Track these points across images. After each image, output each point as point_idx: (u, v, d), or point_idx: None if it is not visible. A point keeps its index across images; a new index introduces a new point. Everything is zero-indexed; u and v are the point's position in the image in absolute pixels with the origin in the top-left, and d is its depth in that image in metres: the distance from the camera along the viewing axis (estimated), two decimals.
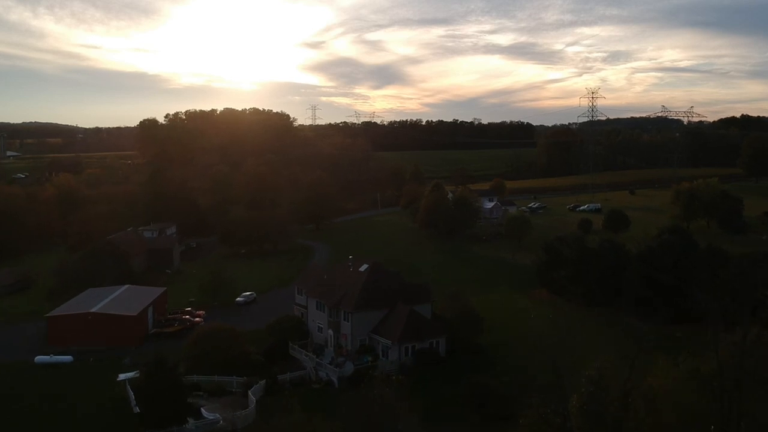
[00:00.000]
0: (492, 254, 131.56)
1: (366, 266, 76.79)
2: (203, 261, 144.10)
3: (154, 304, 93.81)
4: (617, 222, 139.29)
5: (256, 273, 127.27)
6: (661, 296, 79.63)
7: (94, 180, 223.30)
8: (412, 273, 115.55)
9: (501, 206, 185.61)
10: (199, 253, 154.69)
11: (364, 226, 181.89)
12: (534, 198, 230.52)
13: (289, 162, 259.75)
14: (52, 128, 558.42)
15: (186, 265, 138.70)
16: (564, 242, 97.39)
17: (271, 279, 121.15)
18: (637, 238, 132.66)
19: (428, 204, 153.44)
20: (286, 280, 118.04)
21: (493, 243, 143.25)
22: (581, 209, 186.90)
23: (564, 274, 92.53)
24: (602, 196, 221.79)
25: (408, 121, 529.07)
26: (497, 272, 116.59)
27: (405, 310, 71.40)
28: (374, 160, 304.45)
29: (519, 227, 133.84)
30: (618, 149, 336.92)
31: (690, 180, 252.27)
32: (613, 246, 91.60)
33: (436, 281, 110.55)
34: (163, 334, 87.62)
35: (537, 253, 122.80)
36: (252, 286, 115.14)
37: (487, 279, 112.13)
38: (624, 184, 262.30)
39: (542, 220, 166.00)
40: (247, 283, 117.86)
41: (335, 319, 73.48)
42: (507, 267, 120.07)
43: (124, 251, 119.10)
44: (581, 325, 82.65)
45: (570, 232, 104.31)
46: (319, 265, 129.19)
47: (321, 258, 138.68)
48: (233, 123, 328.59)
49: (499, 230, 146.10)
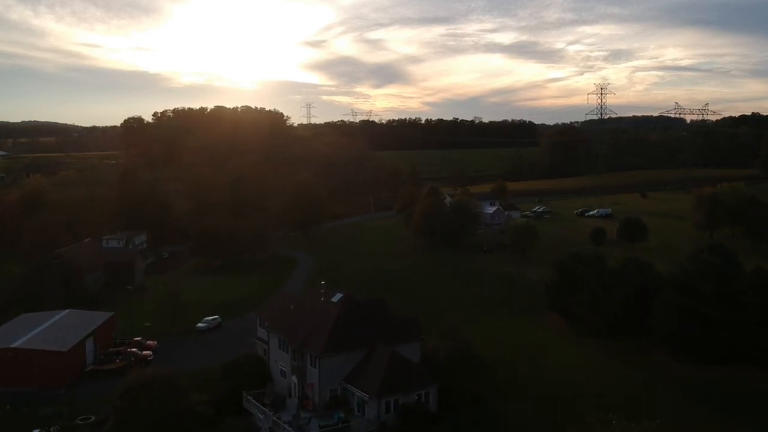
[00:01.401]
0: (494, 268, 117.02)
1: (339, 295, 62.34)
2: (173, 274, 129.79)
3: (97, 334, 79.39)
4: (634, 231, 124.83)
5: (228, 289, 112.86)
6: (702, 331, 65.20)
7: (68, 182, 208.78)
8: (402, 292, 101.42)
9: (503, 211, 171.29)
10: (171, 264, 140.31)
11: (354, 233, 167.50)
12: (538, 201, 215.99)
13: (280, 162, 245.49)
14: (50, 127, 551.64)
15: (152, 279, 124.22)
16: (579, 261, 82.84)
17: (245, 297, 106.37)
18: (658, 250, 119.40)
19: (423, 210, 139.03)
20: (262, 298, 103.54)
21: (495, 254, 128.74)
22: (590, 214, 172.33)
23: (580, 300, 78.04)
24: (611, 199, 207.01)
25: (407, 119, 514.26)
26: (500, 290, 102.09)
27: (386, 353, 56.96)
28: (371, 159, 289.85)
29: (524, 237, 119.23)
30: (624, 149, 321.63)
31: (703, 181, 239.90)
32: (639, 267, 77.09)
33: (429, 302, 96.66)
34: (101, 372, 73.32)
35: (546, 269, 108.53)
36: (221, 306, 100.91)
37: (488, 299, 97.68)
38: (633, 186, 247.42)
39: (548, 227, 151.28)
40: (216, 302, 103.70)
41: (300, 364, 59.05)
42: (511, 284, 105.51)
43: (77, 266, 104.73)
44: (605, 364, 68.74)
45: (587, 251, 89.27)
46: (299, 282, 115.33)
47: (302, 272, 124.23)
48: (223, 122, 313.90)
49: (502, 240, 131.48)
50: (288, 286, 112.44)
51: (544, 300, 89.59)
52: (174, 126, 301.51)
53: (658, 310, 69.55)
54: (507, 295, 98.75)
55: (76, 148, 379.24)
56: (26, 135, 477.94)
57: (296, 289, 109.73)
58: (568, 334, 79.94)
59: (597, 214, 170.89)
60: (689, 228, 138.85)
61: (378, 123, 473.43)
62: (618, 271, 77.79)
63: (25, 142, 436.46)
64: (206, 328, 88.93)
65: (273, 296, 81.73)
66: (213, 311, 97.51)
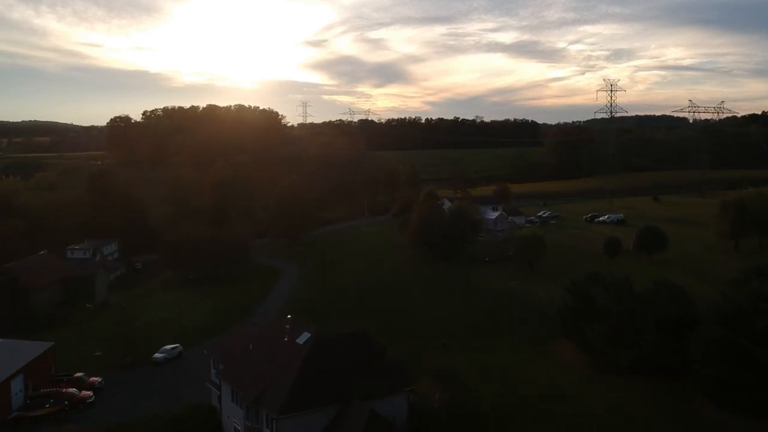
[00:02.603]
0: (497, 283, 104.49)
1: (307, 335, 50.02)
2: (142, 289, 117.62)
3: (30, 370, 67.16)
4: (653, 241, 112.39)
5: (201, 307, 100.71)
6: (755, 377, 52.91)
7: (45, 184, 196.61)
8: (393, 312, 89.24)
9: (506, 216, 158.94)
10: (143, 277, 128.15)
11: (347, 240, 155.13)
12: (543, 205, 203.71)
13: (271, 163, 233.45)
14: (50, 127, 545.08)
15: (118, 295, 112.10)
16: (598, 282, 70.53)
17: (218, 317, 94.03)
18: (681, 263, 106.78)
19: (419, 217, 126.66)
20: (236, 319, 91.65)
21: (498, 266, 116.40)
22: (601, 220, 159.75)
23: (600, 330, 65.73)
24: (620, 202, 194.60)
25: (407, 119, 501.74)
26: (504, 312, 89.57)
27: (363, 414, 44.68)
28: (369, 160, 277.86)
29: (531, 249, 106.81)
30: (631, 149, 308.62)
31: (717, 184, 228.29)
32: (671, 292, 64.67)
33: (424, 326, 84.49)
34: (27, 419, 61.07)
35: (556, 286, 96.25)
36: (188, 328, 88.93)
37: (491, 322, 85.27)
38: (642, 189, 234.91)
39: (556, 235, 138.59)
40: (184, 323, 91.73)
41: (254, 425, 46.81)
42: (517, 304, 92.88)
43: (26, 283, 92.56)
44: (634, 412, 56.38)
45: (608, 272, 76.24)
46: (280, 299, 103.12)
47: (285, 286, 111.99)
48: (215, 121, 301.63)
49: (506, 251, 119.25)
50: (267, 304, 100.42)
51: (555, 325, 77.40)
52: (163, 125, 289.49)
53: (698, 348, 57.24)
54: (512, 317, 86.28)
55: (71, 148, 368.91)
56: (26, 135, 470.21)
57: (277, 306, 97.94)
58: (585, 370, 67.63)
59: (608, 220, 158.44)
60: (711, 237, 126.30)
61: (377, 122, 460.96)
62: (646, 297, 65.44)
63: (20, 142, 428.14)
64: (164, 359, 76.59)
65: (236, 326, 69.14)
66: (178, 335, 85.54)
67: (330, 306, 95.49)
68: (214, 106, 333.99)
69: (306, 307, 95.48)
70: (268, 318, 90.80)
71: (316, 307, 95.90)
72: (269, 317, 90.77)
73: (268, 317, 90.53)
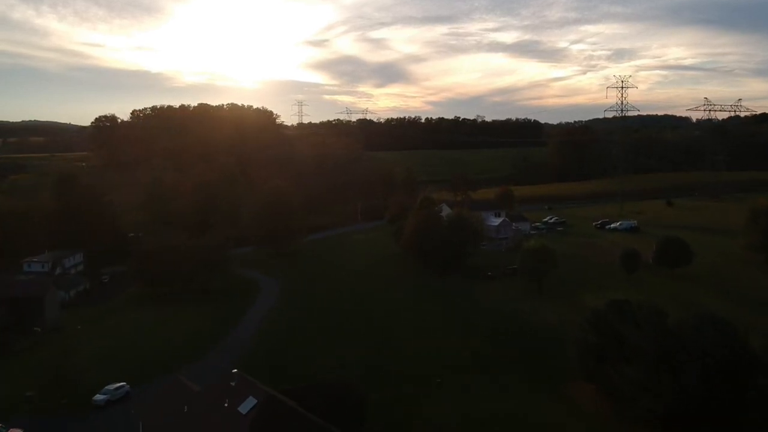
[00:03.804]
0: (500, 303, 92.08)
1: (252, 402, 37.73)
2: (104, 308, 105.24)
3: None
4: (675, 254, 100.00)
5: (162, 332, 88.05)
6: None
7: (18, 187, 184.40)
8: (381, 342, 76.99)
9: (510, 223, 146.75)
10: (110, 291, 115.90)
11: (337, 249, 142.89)
12: (548, 209, 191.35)
13: (263, 164, 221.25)
14: (51, 127, 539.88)
15: (75, 315, 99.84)
16: (625, 314, 58.28)
17: (180, 346, 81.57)
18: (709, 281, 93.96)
19: (415, 225, 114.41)
20: (202, 347, 79.60)
21: (502, 282, 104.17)
22: (612, 227, 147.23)
23: (630, 375, 53.49)
24: (631, 207, 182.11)
25: (406, 118, 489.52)
26: (509, 339, 77.18)
27: None
28: (366, 161, 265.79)
29: (540, 263, 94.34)
30: (639, 149, 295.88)
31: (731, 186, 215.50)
32: (718, 330, 52.32)
33: (417, 357, 72.20)
34: None
35: (568, 308, 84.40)
36: (145, 359, 76.48)
37: (494, 353, 72.96)
38: (652, 192, 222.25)
39: (565, 245, 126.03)
40: (142, 351, 79.23)
41: None
42: (524, 330, 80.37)
43: None
44: None
45: (637, 300, 63.09)
46: (255, 319, 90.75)
47: (263, 305, 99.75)
48: (206, 121, 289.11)
49: (509, 266, 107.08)
50: (240, 328, 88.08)
51: (568, 359, 65.14)
52: (150, 125, 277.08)
53: (762, 405, 44.93)
54: (519, 348, 73.93)
55: (67, 149, 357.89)
56: (26, 135, 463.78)
57: (249, 332, 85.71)
58: (611, 422, 55.43)
59: (620, 227, 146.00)
60: (736, 247, 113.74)
61: (376, 122, 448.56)
62: (687, 334, 53.10)
63: (15, 142, 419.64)
64: (106, 401, 64.25)
65: (170, 381, 56.64)
66: (132, 367, 73.34)
67: (309, 332, 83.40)
68: (206, 105, 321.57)
69: (283, 332, 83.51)
70: (238, 347, 78.82)
71: (293, 332, 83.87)
72: (238, 347, 78.74)
73: (235, 348, 78.41)
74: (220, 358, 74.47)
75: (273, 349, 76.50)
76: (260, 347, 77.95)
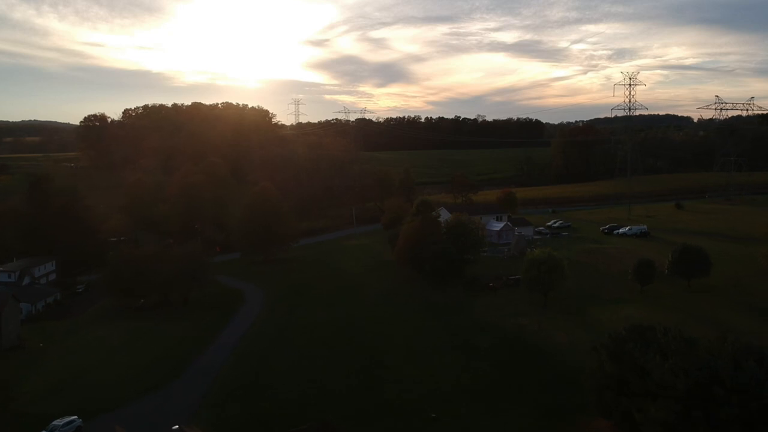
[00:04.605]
0: (503, 319, 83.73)
1: None
2: (71, 322, 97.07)
3: None
4: (693, 264, 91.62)
5: (129, 352, 79.68)
6: None
7: None
8: (367, 370, 68.72)
9: (512, 228, 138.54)
10: (82, 304, 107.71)
11: (328, 256, 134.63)
12: (552, 212, 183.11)
13: (255, 166, 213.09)
14: (51, 126, 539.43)
15: (42, 330, 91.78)
16: (649, 341, 50.09)
17: (148, 369, 73.37)
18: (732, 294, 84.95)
19: (409, 234, 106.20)
20: (170, 374, 71.15)
21: (504, 294, 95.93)
22: (621, 233, 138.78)
23: (655, 412, 45.32)
24: (639, 210, 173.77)
25: (406, 118, 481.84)
26: (514, 363, 68.86)
27: None
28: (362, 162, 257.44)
29: (545, 274, 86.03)
30: (647, 149, 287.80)
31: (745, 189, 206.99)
32: (761, 363, 44.11)
33: (408, 385, 64.00)
34: None
35: (578, 327, 76.33)
36: (104, 387, 68.20)
37: (496, 379, 64.71)
38: (661, 194, 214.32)
39: (570, 250, 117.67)
40: (98, 380, 70.89)
41: None
42: (529, 351, 71.93)
43: None
44: None
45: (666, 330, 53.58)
46: (235, 332, 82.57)
47: (244, 318, 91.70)
48: (199, 120, 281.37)
49: (513, 276, 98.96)
50: (215, 347, 79.91)
51: (582, 389, 56.86)
52: (141, 125, 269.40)
53: None
54: (524, 374, 65.63)
55: (62, 148, 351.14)
56: (24, 134, 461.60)
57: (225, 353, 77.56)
58: None
59: (629, 233, 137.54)
60: (758, 257, 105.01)
61: (375, 121, 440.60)
62: (724, 369, 44.90)
63: (9, 141, 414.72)
64: None
65: None
66: (89, 395, 65.36)
67: (290, 352, 75.19)
68: (200, 104, 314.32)
69: (261, 356, 75.19)
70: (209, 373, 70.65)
71: (274, 352, 75.64)
72: (209, 373, 70.57)
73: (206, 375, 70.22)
74: (187, 388, 66.44)
75: (247, 378, 68.15)
76: (233, 374, 69.75)
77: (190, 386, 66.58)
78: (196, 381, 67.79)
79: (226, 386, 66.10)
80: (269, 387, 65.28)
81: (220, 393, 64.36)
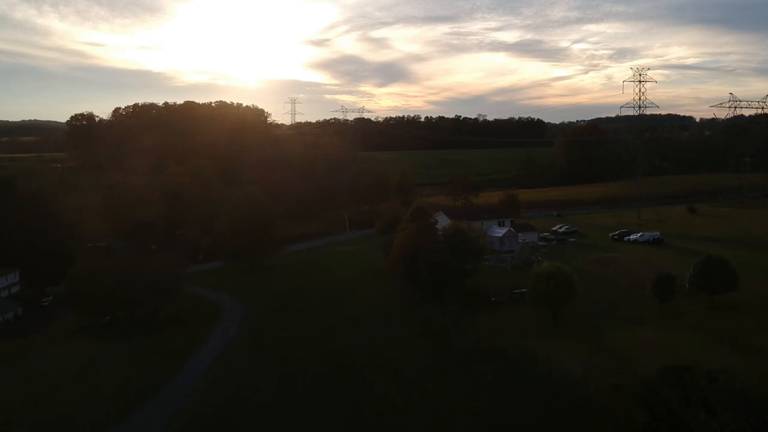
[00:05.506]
0: (508, 341, 74.30)
1: None
2: (29, 340, 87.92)
3: None
4: (718, 278, 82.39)
5: (86, 380, 70.40)
6: None
7: None
8: (351, 405, 59.25)
9: (515, 233, 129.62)
10: (44, 321, 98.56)
11: (317, 264, 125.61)
12: (557, 216, 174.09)
13: (246, 167, 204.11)
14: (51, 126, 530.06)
15: None
16: (686, 387, 40.94)
17: (105, 399, 64.16)
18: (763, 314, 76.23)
19: (404, 241, 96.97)
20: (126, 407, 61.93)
21: (508, 310, 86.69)
22: (632, 239, 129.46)
23: None
24: (648, 213, 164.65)
25: (405, 117, 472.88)
26: (523, 397, 59.59)
27: None
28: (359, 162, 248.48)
29: (554, 289, 76.73)
30: (654, 150, 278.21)
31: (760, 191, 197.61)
32: None
33: (400, 427, 54.68)
34: None
35: (595, 357, 67.18)
36: (51, 422, 59.20)
37: (502, 420, 55.28)
38: (671, 196, 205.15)
39: (579, 260, 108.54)
40: (50, 410, 61.96)
41: None
42: (540, 381, 62.61)
43: None
44: None
45: (706, 375, 44.32)
46: (209, 355, 73.31)
47: (219, 338, 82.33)
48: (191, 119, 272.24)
49: (517, 289, 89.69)
50: (184, 375, 70.52)
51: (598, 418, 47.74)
52: (131, 125, 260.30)
53: None
54: (535, 412, 56.31)
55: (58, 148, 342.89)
56: (21, 134, 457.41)
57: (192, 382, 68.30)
58: None
59: (641, 239, 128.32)
60: None
61: (374, 121, 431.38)
62: None
63: (5, 141, 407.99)
64: None
65: None
66: None
67: (266, 385, 65.67)
68: (192, 103, 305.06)
69: (232, 385, 65.87)
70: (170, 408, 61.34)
71: (247, 385, 66.06)
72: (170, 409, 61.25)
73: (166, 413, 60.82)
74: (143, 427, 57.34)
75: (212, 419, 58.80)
76: (197, 410, 60.42)
77: (146, 427, 57.35)
78: (156, 419, 58.50)
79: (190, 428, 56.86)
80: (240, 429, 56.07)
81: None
